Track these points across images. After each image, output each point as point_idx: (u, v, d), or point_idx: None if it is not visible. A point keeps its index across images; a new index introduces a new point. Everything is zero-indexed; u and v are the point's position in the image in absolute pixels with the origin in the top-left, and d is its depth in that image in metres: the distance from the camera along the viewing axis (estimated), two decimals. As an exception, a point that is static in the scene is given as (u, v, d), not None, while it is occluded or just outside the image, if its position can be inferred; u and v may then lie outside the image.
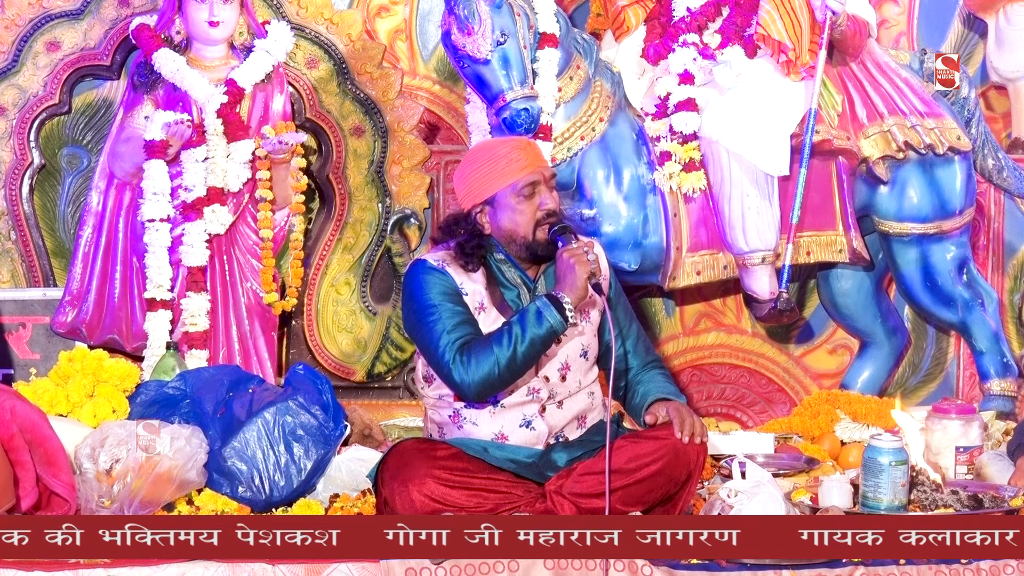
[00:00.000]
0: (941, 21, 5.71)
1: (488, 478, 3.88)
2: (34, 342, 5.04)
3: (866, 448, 3.97)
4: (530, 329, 3.82)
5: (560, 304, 3.82)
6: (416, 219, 5.41)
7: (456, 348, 3.85)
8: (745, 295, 5.24)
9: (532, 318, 3.82)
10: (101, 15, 5.21)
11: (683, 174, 5.04)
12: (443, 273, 3.94)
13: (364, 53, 5.33)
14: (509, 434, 3.97)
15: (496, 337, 3.85)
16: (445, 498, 3.80)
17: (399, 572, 3.60)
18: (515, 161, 3.94)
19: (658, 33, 5.18)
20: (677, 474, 3.89)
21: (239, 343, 5.04)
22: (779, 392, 5.69)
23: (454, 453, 3.90)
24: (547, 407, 3.99)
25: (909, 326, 5.67)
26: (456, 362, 3.85)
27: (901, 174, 5.28)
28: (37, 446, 3.87)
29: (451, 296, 3.93)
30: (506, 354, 3.82)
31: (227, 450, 4.11)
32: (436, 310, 3.90)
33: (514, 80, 4.80)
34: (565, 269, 3.85)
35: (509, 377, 3.88)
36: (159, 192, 4.89)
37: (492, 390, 3.90)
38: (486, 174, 3.96)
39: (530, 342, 3.83)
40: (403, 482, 3.81)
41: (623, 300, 4.18)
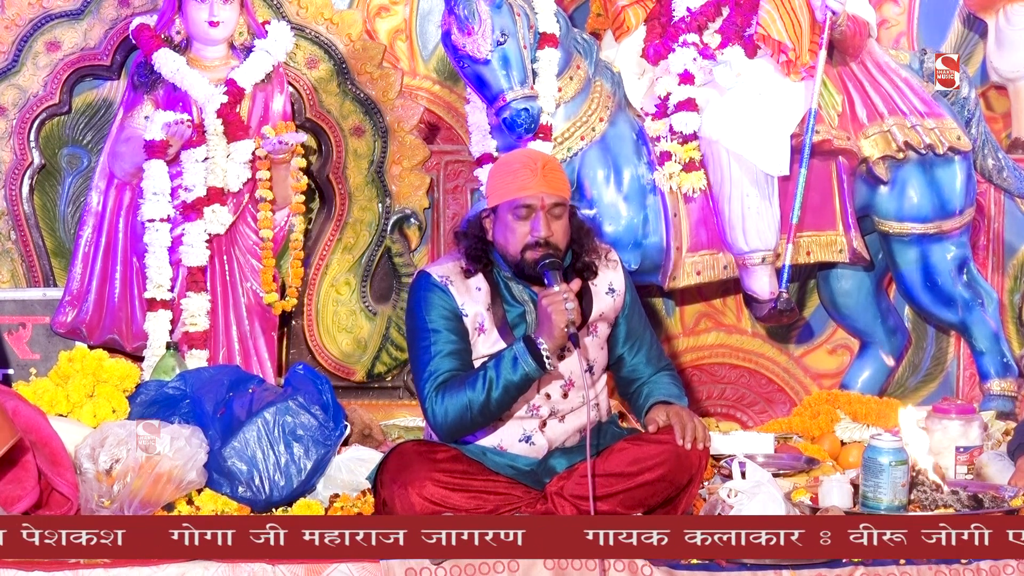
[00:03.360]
0: (941, 21, 5.71)
1: (488, 480, 3.89)
2: (34, 342, 5.04)
3: (866, 448, 3.96)
4: (504, 375, 3.83)
5: (538, 350, 3.80)
6: (416, 219, 5.41)
7: (437, 383, 3.88)
8: (745, 295, 5.24)
9: (508, 364, 3.83)
10: (101, 15, 5.21)
11: (683, 174, 5.04)
12: (445, 292, 3.94)
13: (364, 53, 5.33)
14: (508, 447, 3.98)
15: (471, 381, 3.85)
16: (445, 500, 3.80)
17: (399, 572, 3.60)
18: (521, 180, 3.91)
19: (658, 33, 5.18)
20: (679, 478, 3.89)
21: (239, 343, 5.04)
22: (779, 392, 5.69)
23: (453, 455, 3.91)
24: (548, 423, 3.99)
25: (909, 326, 5.67)
26: (434, 399, 3.89)
27: (901, 174, 5.28)
28: (42, 446, 3.88)
29: (449, 320, 3.93)
30: (479, 399, 3.84)
31: (227, 450, 4.11)
32: (431, 336, 3.92)
33: (514, 80, 4.80)
34: (542, 316, 3.82)
35: (482, 420, 3.91)
36: (159, 192, 4.89)
37: (464, 431, 3.93)
38: (497, 184, 3.98)
39: (504, 388, 3.83)
40: (403, 485, 3.81)
41: (638, 308, 4.15)
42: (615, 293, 4.08)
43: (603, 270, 4.07)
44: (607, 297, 4.06)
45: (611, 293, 4.07)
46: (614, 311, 4.07)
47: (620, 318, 4.09)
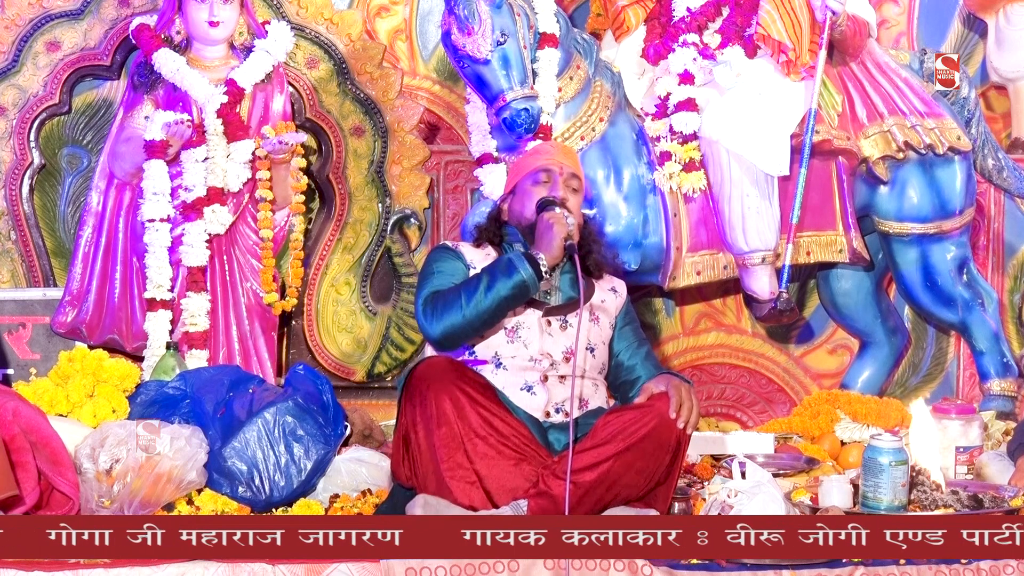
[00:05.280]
0: (941, 21, 5.71)
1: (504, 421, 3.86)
2: (34, 342, 5.04)
3: (866, 448, 3.96)
4: (500, 278, 3.89)
5: (534, 259, 3.90)
6: (416, 219, 5.41)
7: (428, 296, 3.97)
8: (745, 295, 5.24)
9: (503, 267, 3.91)
10: (101, 15, 5.21)
11: (683, 174, 5.04)
12: (457, 253, 4.09)
13: (364, 53, 5.33)
14: (511, 396, 3.96)
15: (465, 284, 3.94)
16: (462, 412, 3.78)
17: (399, 572, 3.60)
18: (541, 154, 4.17)
19: (658, 33, 5.19)
20: (666, 437, 3.82)
21: (239, 343, 5.04)
22: (779, 392, 5.69)
23: (484, 384, 3.90)
24: (549, 377, 4.00)
25: (909, 326, 5.67)
26: (426, 310, 3.95)
27: (901, 174, 5.28)
28: (43, 446, 3.88)
29: (457, 268, 4.05)
30: (472, 299, 3.89)
31: (227, 450, 4.11)
32: (433, 276, 4.04)
33: (514, 80, 4.81)
34: (543, 228, 3.95)
35: (476, 324, 3.92)
36: (159, 192, 4.89)
37: (457, 336, 3.94)
38: (517, 166, 4.20)
39: (497, 291, 3.88)
40: (429, 385, 3.79)
41: (636, 323, 4.21)
42: (616, 294, 4.16)
43: (607, 274, 4.19)
44: (609, 293, 4.14)
45: (613, 292, 4.15)
46: (616, 309, 4.13)
47: (619, 320, 4.13)
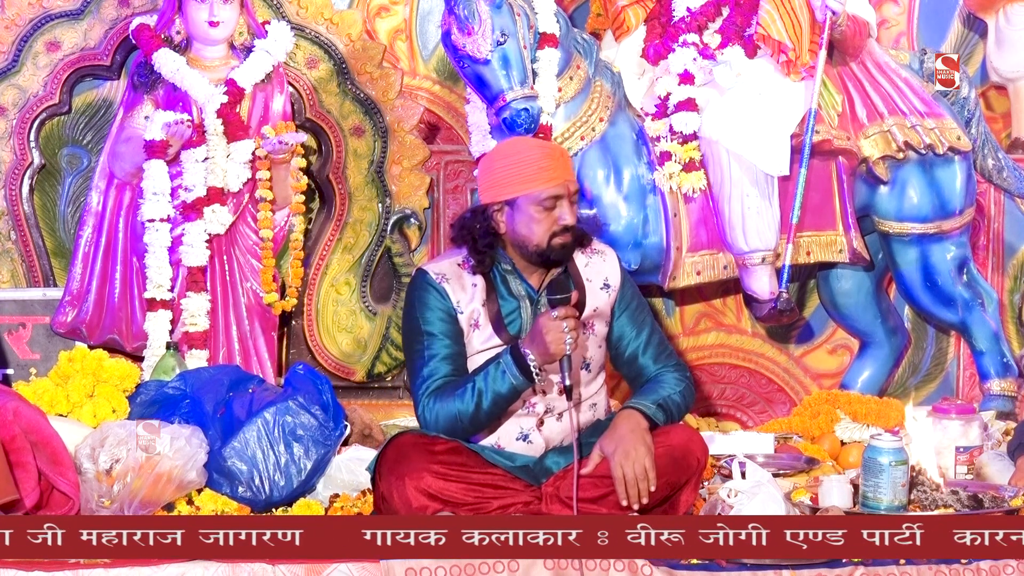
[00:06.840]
0: (941, 21, 5.71)
1: (486, 473, 3.89)
2: (34, 342, 5.04)
3: (866, 448, 3.96)
4: (493, 386, 3.86)
5: (525, 362, 3.81)
6: (416, 219, 5.41)
7: (430, 389, 3.91)
8: (745, 295, 5.24)
9: (496, 375, 3.85)
10: (101, 15, 5.21)
11: (683, 174, 5.04)
12: (441, 293, 3.94)
13: (364, 53, 5.33)
14: (506, 445, 3.98)
15: (461, 392, 3.87)
16: (442, 492, 3.80)
17: (399, 572, 3.60)
18: (544, 171, 3.89)
19: (658, 33, 5.19)
20: (676, 479, 3.88)
21: (239, 343, 5.04)
22: (779, 392, 5.69)
23: (452, 447, 3.91)
24: (545, 420, 3.99)
25: (909, 326, 5.67)
26: (427, 405, 3.91)
27: (901, 174, 5.28)
28: (43, 446, 3.88)
29: (445, 323, 3.94)
30: (469, 409, 3.87)
31: (227, 450, 4.11)
32: (426, 339, 3.94)
33: (514, 80, 4.80)
34: (536, 331, 3.81)
35: (473, 429, 3.93)
36: (159, 192, 4.89)
37: (458, 438, 3.93)
38: (512, 176, 3.92)
39: (493, 400, 3.86)
40: (399, 476, 3.81)
41: (636, 302, 4.11)
42: (610, 288, 4.06)
43: (598, 264, 4.06)
44: (601, 293, 4.05)
45: (606, 288, 4.05)
46: (609, 306, 4.06)
47: (616, 309, 4.07)
